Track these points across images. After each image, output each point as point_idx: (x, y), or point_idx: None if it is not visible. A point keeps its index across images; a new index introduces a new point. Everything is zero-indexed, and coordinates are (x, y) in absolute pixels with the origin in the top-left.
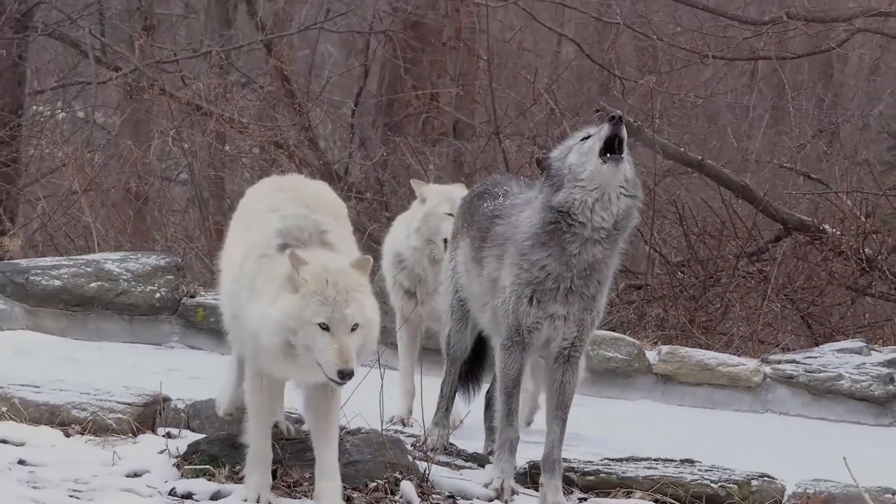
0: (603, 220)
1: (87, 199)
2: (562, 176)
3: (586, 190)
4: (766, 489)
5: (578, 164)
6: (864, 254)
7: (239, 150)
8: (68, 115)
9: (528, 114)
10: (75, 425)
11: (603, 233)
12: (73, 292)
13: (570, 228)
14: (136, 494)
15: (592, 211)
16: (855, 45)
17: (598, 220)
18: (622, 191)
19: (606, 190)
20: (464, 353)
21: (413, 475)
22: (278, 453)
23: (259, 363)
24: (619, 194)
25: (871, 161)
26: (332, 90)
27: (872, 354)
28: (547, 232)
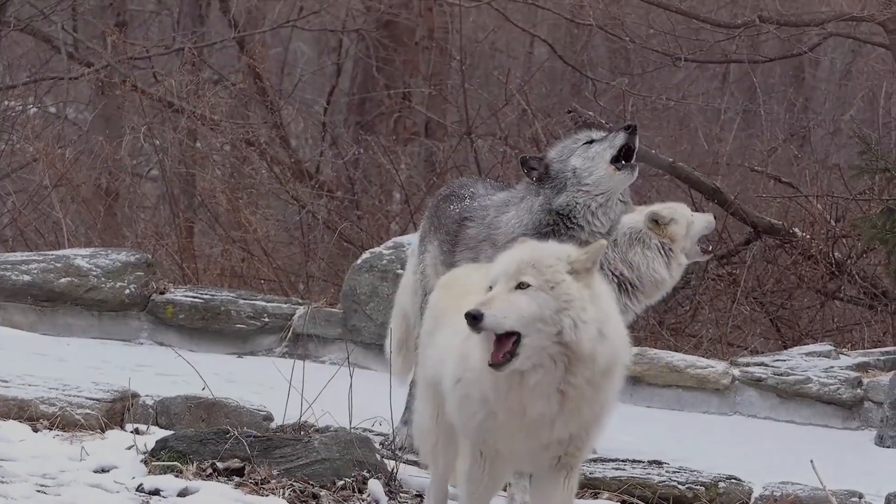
0: (601, 224)
1: (57, 195)
2: (564, 179)
3: (591, 194)
4: (733, 491)
5: (584, 168)
6: (833, 258)
7: (210, 147)
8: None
9: (500, 114)
10: (44, 420)
11: (597, 236)
12: (42, 287)
13: (568, 231)
14: (103, 490)
15: (594, 215)
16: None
17: (598, 225)
18: (621, 197)
19: (612, 196)
20: None
21: (381, 474)
22: (245, 450)
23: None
24: (618, 200)
25: (841, 165)
26: (305, 88)
27: (841, 358)
28: (543, 234)
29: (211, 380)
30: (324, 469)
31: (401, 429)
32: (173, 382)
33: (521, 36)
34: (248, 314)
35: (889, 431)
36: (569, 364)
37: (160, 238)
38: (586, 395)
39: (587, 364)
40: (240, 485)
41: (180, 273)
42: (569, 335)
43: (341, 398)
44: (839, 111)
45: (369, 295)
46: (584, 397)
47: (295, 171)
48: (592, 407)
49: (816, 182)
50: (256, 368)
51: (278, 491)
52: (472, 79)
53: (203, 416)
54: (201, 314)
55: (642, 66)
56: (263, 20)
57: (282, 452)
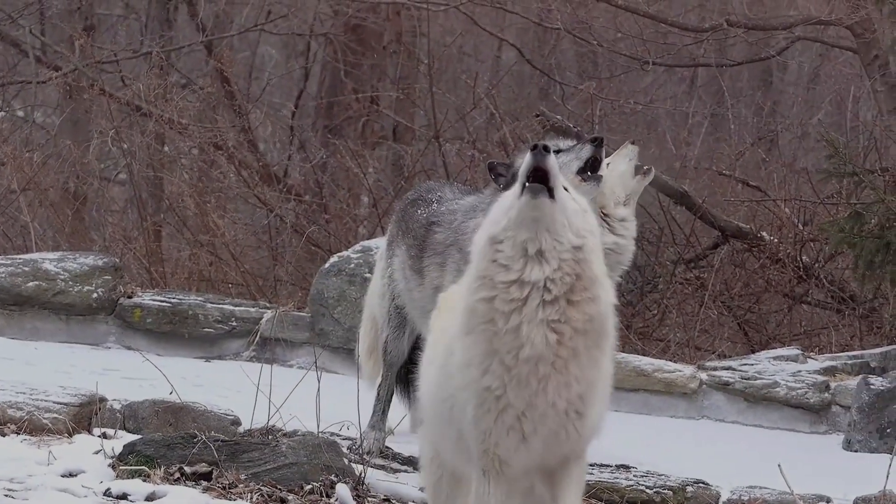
0: None
1: (25, 199)
2: None
3: None
4: (701, 495)
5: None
6: (801, 262)
7: (178, 150)
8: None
9: (468, 118)
10: (11, 424)
11: None
12: (9, 291)
13: None
14: (71, 494)
15: None
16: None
17: None
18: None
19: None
20: (401, 358)
21: (349, 478)
22: (213, 455)
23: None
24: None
25: (809, 169)
26: (272, 92)
27: (808, 362)
28: None
29: (178, 384)
30: (291, 473)
31: (368, 433)
32: (141, 386)
33: (489, 40)
34: (216, 318)
35: (857, 436)
36: (572, 291)
37: (128, 242)
38: (578, 350)
39: (588, 294)
40: (208, 489)
41: (148, 277)
42: (587, 252)
43: (309, 402)
44: (807, 115)
45: (337, 299)
46: (576, 354)
47: (263, 174)
48: (584, 373)
49: (784, 186)
50: (224, 372)
51: (246, 495)
52: (439, 83)
53: (171, 421)
54: (169, 318)
55: (610, 69)
56: (231, 24)
57: (249, 457)
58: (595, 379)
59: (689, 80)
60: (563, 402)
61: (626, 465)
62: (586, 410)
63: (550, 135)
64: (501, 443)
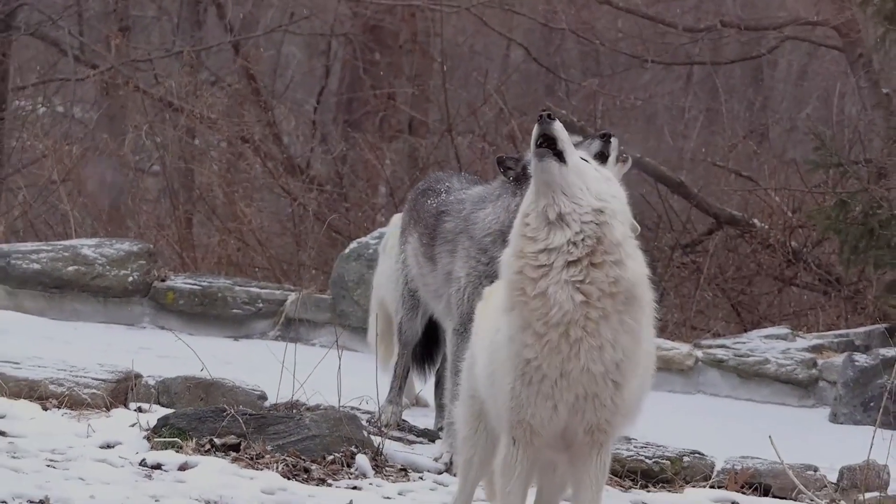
0: None
1: (65, 189)
2: None
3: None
4: (696, 465)
5: None
6: (790, 247)
7: (208, 143)
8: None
9: (479, 112)
10: (52, 399)
11: None
12: (51, 275)
13: None
14: (108, 464)
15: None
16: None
17: None
18: None
19: None
20: (414, 337)
21: (368, 449)
22: (241, 427)
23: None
24: None
25: (797, 160)
26: (296, 89)
27: (797, 340)
28: None
29: (209, 361)
30: (314, 444)
31: (385, 407)
32: (173, 364)
33: (498, 39)
34: (244, 300)
35: (842, 409)
36: (594, 253)
37: (161, 229)
38: (608, 312)
39: (612, 256)
40: (236, 459)
41: (180, 261)
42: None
43: (330, 378)
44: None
45: (356, 282)
46: (606, 316)
47: (287, 166)
48: (619, 339)
49: (774, 176)
50: (251, 351)
51: (272, 465)
52: (452, 79)
53: (201, 396)
54: (200, 300)
55: (612, 67)
56: (257, 25)
57: (275, 429)
58: (632, 350)
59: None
60: (598, 366)
61: (627, 436)
62: (624, 381)
63: None
64: (535, 413)
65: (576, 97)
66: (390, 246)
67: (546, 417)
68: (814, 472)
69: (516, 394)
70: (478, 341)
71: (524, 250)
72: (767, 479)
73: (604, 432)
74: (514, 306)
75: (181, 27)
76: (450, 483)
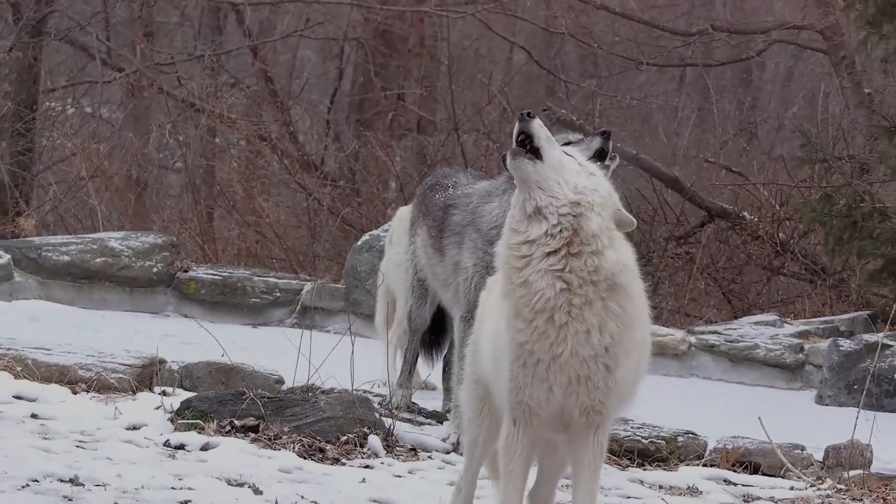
0: None
1: (93, 185)
2: None
3: None
4: (690, 444)
5: None
6: (778, 238)
7: (228, 142)
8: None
9: (484, 112)
10: (82, 384)
11: None
12: (80, 266)
13: None
14: (135, 445)
15: None
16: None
17: None
18: None
19: None
20: (423, 325)
21: (380, 430)
22: (260, 410)
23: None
24: None
25: (785, 157)
26: (311, 90)
27: (785, 327)
28: None
29: (229, 348)
30: (329, 426)
31: (396, 390)
32: (196, 350)
33: (502, 43)
34: (262, 290)
35: (827, 391)
36: (571, 244)
37: (184, 222)
38: (591, 298)
39: (590, 247)
40: (255, 440)
41: (202, 253)
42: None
43: (344, 364)
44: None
45: (368, 272)
46: (590, 303)
47: (302, 163)
48: (604, 325)
49: (763, 171)
50: (269, 337)
51: (289, 445)
52: (458, 81)
53: (222, 380)
54: (220, 290)
55: (609, 69)
56: (274, 30)
57: (292, 411)
58: (620, 334)
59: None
60: (587, 349)
61: (624, 418)
62: (615, 364)
63: (557, 127)
64: (533, 394)
65: (575, 97)
66: (396, 236)
67: (543, 399)
68: (801, 451)
69: (514, 376)
70: (482, 328)
71: (509, 242)
72: (757, 457)
73: (599, 413)
74: (506, 294)
75: (202, 32)
76: (457, 462)
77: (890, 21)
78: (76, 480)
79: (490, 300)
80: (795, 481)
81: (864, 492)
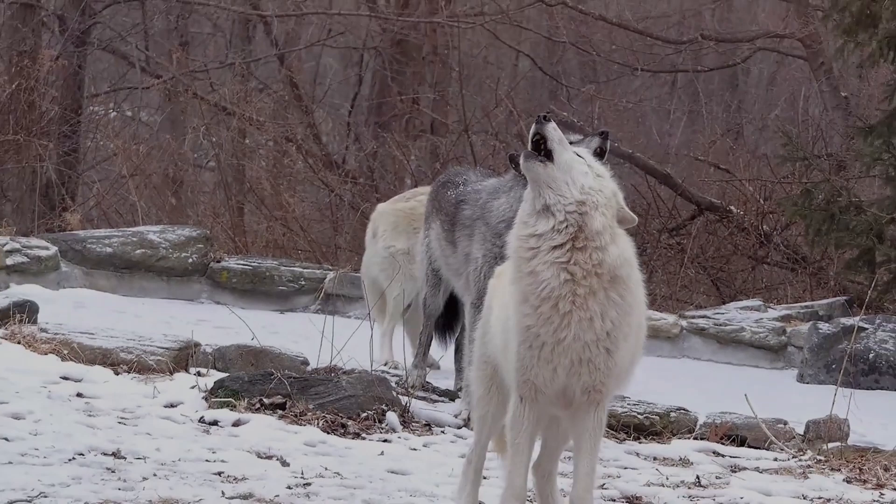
0: None
1: (133, 183)
2: None
3: None
4: (682, 419)
5: None
6: (762, 230)
7: (257, 143)
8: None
9: (492, 115)
10: (123, 365)
11: None
12: (121, 258)
13: None
14: (172, 421)
15: None
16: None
17: None
18: None
19: None
20: (437, 310)
21: (397, 407)
22: (287, 389)
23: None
24: None
25: (768, 155)
26: (333, 95)
27: (768, 311)
28: None
29: (258, 332)
30: (350, 403)
31: (412, 371)
32: (228, 334)
33: (508, 51)
34: (288, 278)
35: (808, 370)
36: (576, 239)
37: (216, 217)
38: (594, 288)
39: (594, 242)
40: (282, 416)
41: (233, 245)
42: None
43: (364, 346)
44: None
45: None
46: (593, 292)
47: (325, 162)
48: (605, 312)
49: (748, 168)
50: (295, 322)
51: (314, 421)
52: (468, 86)
53: (252, 361)
54: (250, 278)
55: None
56: (299, 40)
57: (316, 390)
58: (620, 321)
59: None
60: (589, 335)
61: (622, 395)
62: (615, 348)
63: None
64: (538, 374)
65: (576, 101)
66: (381, 232)
67: (548, 378)
68: (783, 426)
69: (521, 357)
70: (491, 313)
71: (519, 234)
72: (743, 431)
73: (599, 392)
74: (515, 281)
75: (233, 42)
76: (468, 436)
77: (864, 30)
78: (118, 454)
79: (499, 287)
80: (779, 453)
81: (842, 462)
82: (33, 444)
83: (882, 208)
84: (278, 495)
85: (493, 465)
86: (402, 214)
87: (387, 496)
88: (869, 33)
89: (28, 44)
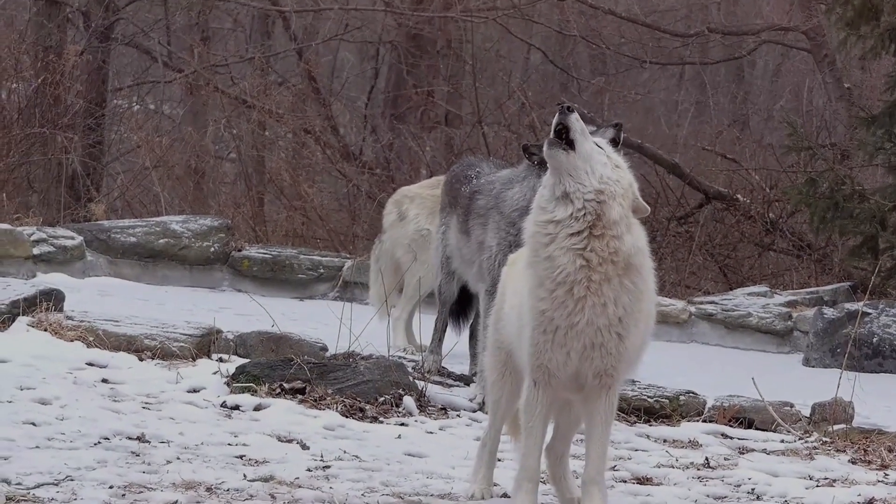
0: None
1: (156, 174)
2: None
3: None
4: (691, 403)
5: None
6: (768, 218)
7: (276, 135)
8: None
9: (504, 107)
10: (147, 352)
11: None
12: (145, 247)
13: None
14: (194, 406)
15: None
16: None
17: None
18: None
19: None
20: (451, 297)
21: (413, 392)
22: (306, 374)
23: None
24: None
25: (774, 145)
26: (350, 88)
27: (775, 297)
28: None
29: (278, 319)
30: (368, 388)
31: (428, 356)
32: (248, 321)
33: (520, 45)
34: (307, 266)
35: (813, 354)
36: (594, 227)
37: (237, 207)
38: (609, 275)
39: (611, 231)
40: (302, 401)
41: (253, 234)
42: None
43: (381, 332)
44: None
45: None
46: (608, 279)
47: (343, 153)
48: (618, 298)
49: (754, 158)
50: (314, 309)
51: (332, 406)
52: (481, 79)
53: (272, 348)
54: (270, 267)
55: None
56: (317, 34)
57: (335, 375)
58: (632, 307)
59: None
60: (602, 319)
61: (632, 379)
62: (626, 333)
63: None
64: (552, 358)
65: (586, 93)
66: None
67: (561, 362)
68: (790, 408)
69: (535, 341)
70: (505, 300)
71: (537, 219)
72: (751, 414)
73: (610, 376)
74: (531, 265)
75: (253, 37)
76: (482, 420)
77: (867, 23)
78: (143, 438)
79: (512, 274)
80: (785, 435)
81: (847, 444)
82: (60, 428)
83: (885, 196)
84: (298, 477)
85: (507, 447)
86: (438, 200)
87: (404, 478)
88: (871, 26)
89: (53, 40)
